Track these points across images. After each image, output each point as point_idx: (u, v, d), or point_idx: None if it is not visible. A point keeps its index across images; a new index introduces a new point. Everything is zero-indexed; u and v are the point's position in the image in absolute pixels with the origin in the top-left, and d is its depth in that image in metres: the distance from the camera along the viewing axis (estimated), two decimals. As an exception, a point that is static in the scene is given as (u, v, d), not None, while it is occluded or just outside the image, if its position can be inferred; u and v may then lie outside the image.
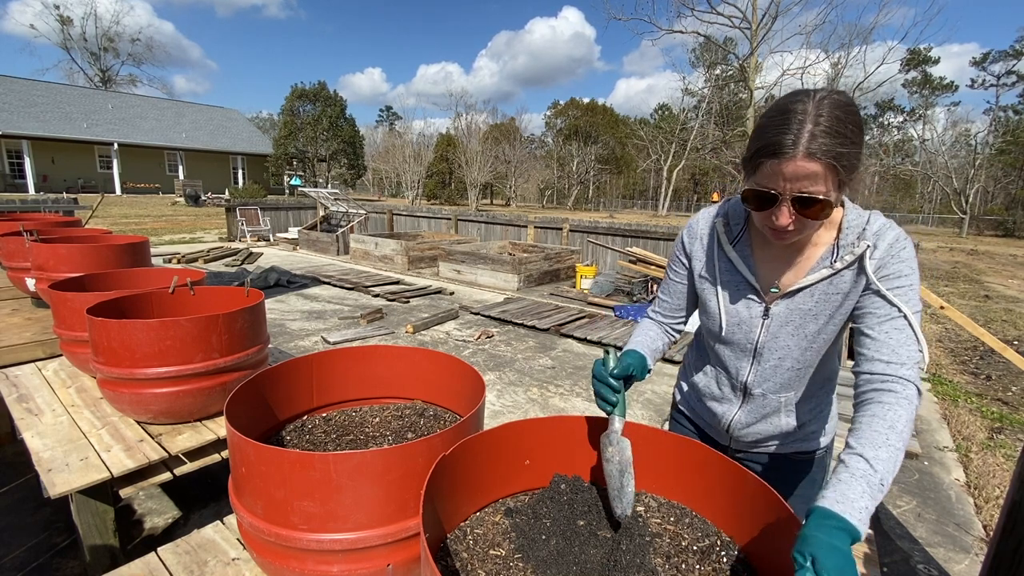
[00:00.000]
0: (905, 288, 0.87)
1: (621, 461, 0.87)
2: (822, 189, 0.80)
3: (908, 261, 0.88)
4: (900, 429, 0.77)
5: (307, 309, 6.17)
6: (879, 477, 0.72)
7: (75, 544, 2.05)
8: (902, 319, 0.86)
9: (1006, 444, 3.43)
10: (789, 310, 0.98)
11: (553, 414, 3.15)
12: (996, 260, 15.96)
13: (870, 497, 0.70)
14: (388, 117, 63.54)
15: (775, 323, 0.99)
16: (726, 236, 1.03)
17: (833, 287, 0.93)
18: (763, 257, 1.00)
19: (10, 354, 2.48)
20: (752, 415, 1.10)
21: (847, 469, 0.73)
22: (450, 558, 0.80)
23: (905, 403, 0.80)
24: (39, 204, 7.40)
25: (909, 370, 0.83)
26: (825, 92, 0.81)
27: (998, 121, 34.60)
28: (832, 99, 0.79)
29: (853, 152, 0.79)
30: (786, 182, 0.81)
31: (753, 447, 1.15)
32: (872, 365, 0.85)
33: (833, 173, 0.79)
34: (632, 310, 6.10)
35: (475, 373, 1.27)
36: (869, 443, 0.75)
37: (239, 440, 0.93)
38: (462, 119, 40.31)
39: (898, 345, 0.85)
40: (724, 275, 1.04)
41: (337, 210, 12.16)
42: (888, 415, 0.78)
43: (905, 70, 33.58)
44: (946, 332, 6.56)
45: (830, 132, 0.77)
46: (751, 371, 1.05)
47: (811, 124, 0.78)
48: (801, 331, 0.98)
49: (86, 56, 41.91)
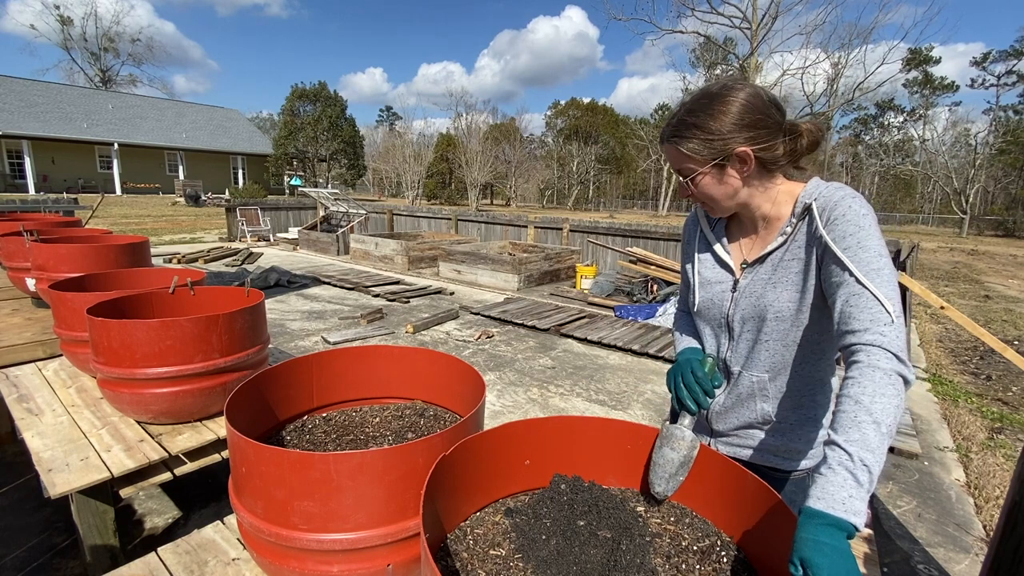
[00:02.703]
0: (855, 248, 0.83)
1: (688, 457, 0.91)
2: (689, 167, 0.95)
3: (855, 219, 0.85)
4: (867, 402, 0.71)
5: (307, 309, 6.17)
6: (857, 459, 0.67)
7: (75, 544, 2.05)
8: (855, 283, 0.81)
9: (1006, 444, 3.43)
10: (752, 281, 1.01)
11: (553, 414, 3.16)
12: (996, 260, 15.96)
13: (854, 484, 0.66)
14: (388, 117, 63.61)
15: (741, 295, 1.02)
16: (705, 220, 1.13)
17: (789, 254, 0.96)
18: (734, 235, 1.09)
19: (10, 354, 2.48)
20: (730, 398, 1.08)
21: (825, 462, 0.70)
22: (450, 558, 0.80)
23: (870, 371, 0.74)
24: (39, 204, 7.40)
25: (873, 334, 0.77)
26: (721, 82, 0.95)
27: (998, 121, 34.58)
28: (708, 88, 0.94)
29: (697, 132, 0.92)
30: (670, 162, 1.01)
31: (730, 441, 1.11)
32: (841, 340, 0.82)
33: (685, 150, 0.94)
34: (632, 310, 6.10)
35: (475, 373, 1.27)
36: (840, 427, 0.71)
37: (239, 440, 0.93)
38: (462, 119, 40.34)
39: (857, 311, 0.80)
40: (700, 254, 1.13)
41: (337, 210, 12.16)
42: (852, 390, 0.73)
43: (906, 70, 33.59)
44: (946, 332, 6.56)
45: (679, 118, 0.95)
46: (728, 348, 1.07)
47: (672, 115, 0.97)
48: (762, 300, 0.99)
49: (86, 56, 41.94)
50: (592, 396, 3.93)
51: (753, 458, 1.10)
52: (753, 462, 1.09)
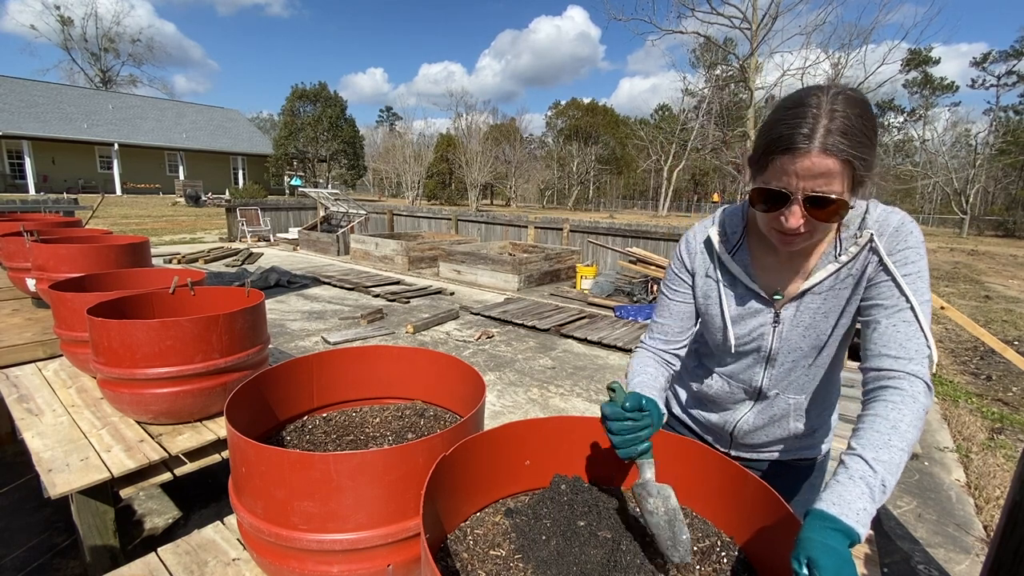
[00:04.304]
0: (914, 276, 0.82)
1: (668, 511, 0.77)
2: (838, 188, 0.74)
3: (916, 247, 0.83)
4: (904, 429, 0.73)
5: (307, 309, 6.17)
6: (879, 479, 0.69)
7: (75, 544, 2.05)
8: (909, 311, 0.81)
9: (1006, 444, 3.43)
10: (799, 312, 0.94)
11: (553, 414, 3.16)
12: (996, 260, 15.95)
13: (869, 499, 0.68)
14: (388, 117, 63.63)
15: (786, 327, 0.95)
16: (724, 247, 0.98)
17: (840, 283, 0.89)
18: (764, 264, 0.96)
19: (11, 354, 2.48)
20: (762, 417, 1.06)
21: (846, 470, 0.71)
22: (450, 558, 0.80)
23: (911, 401, 0.76)
24: (39, 204, 7.40)
25: (917, 365, 0.78)
26: (839, 87, 0.76)
27: (998, 121, 34.61)
28: (847, 95, 0.75)
29: (869, 149, 0.75)
30: (799, 180, 0.75)
31: (755, 451, 1.13)
32: (879, 361, 0.81)
33: (849, 171, 0.74)
34: (632, 310, 6.10)
35: (475, 373, 1.27)
36: (870, 444, 0.72)
37: (239, 440, 0.93)
38: (462, 119, 40.37)
39: (905, 339, 0.80)
40: (727, 288, 0.99)
41: (337, 210, 12.16)
42: (892, 414, 0.75)
43: (906, 70, 33.58)
44: (946, 332, 6.55)
45: (847, 127, 0.72)
46: (765, 376, 1.01)
47: (826, 119, 0.73)
48: (813, 332, 0.94)
49: (86, 56, 41.98)
50: (592, 396, 3.93)
51: (781, 456, 1.13)
52: (781, 459, 1.13)
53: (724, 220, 1.01)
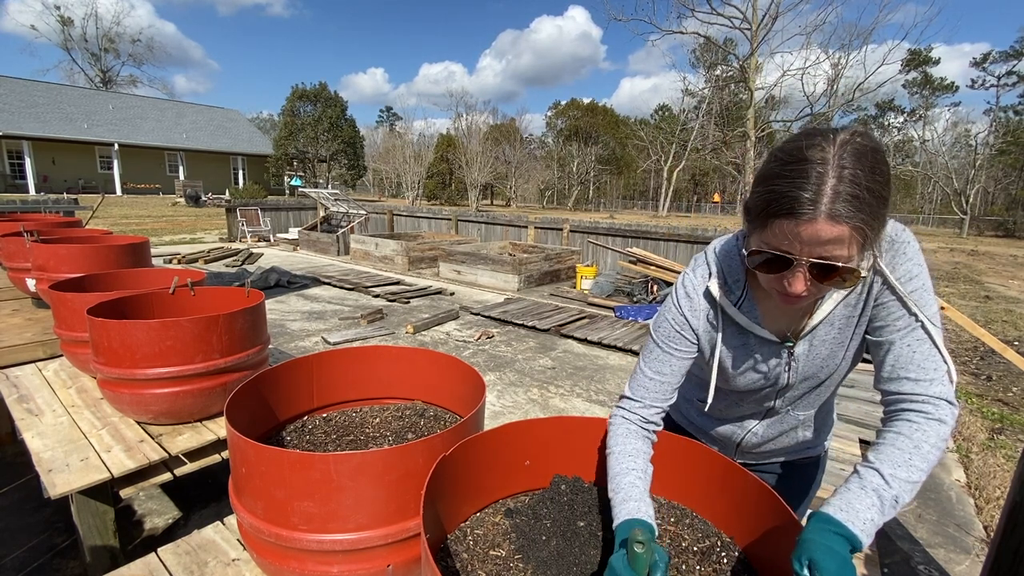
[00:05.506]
0: (920, 290, 0.79)
1: None
2: (845, 254, 0.67)
3: (914, 257, 0.80)
4: (926, 451, 0.72)
5: (307, 309, 6.17)
6: (893, 494, 0.69)
7: (75, 544, 2.05)
8: (921, 328, 0.78)
9: (1006, 445, 3.43)
10: (813, 346, 0.90)
11: (553, 415, 3.16)
12: (996, 260, 15.95)
13: (879, 511, 0.67)
14: (388, 117, 63.63)
15: (801, 362, 0.92)
16: (728, 299, 0.90)
17: (849, 308, 0.86)
18: (770, 308, 0.90)
19: (11, 354, 2.48)
20: (771, 431, 1.05)
21: (859, 480, 0.70)
22: (450, 559, 0.80)
23: (936, 424, 0.74)
24: (39, 204, 7.40)
25: (940, 386, 0.76)
26: (847, 135, 0.67)
27: (998, 122, 34.59)
28: (856, 145, 0.66)
29: (882, 208, 0.66)
30: (803, 245, 0.68)
31: (760, 458, 1.13)
32: (899, 385, 0.79)
33: (860, 235, 0.66)
34: (632, 310, 6.10)
35: (475, 374, 1.27)
36: (889, 460, 0.72)
37: (239, 440, 0.93)
38: (463, 120, 40.39)
39: (923, 359, 0.77)
40: (734, 339, 0.93)
41: (337, 210, 12.16)
42: (915, 434, 0.73)
43: (906, 71, 33.61)
44: (946, 333, 6.55)
45: (856, 191, 0.64)
46: (777, 400, 1.00)
47: (833, 179, 0.64)
48: (831, 361, 0.91)
49: (87, 56, 41.99)
50: (592, 396, 3.93)
51: (787, 458, 1.14)
52: (787, 461, 1.14)
53: (722, 268, 0.92)
